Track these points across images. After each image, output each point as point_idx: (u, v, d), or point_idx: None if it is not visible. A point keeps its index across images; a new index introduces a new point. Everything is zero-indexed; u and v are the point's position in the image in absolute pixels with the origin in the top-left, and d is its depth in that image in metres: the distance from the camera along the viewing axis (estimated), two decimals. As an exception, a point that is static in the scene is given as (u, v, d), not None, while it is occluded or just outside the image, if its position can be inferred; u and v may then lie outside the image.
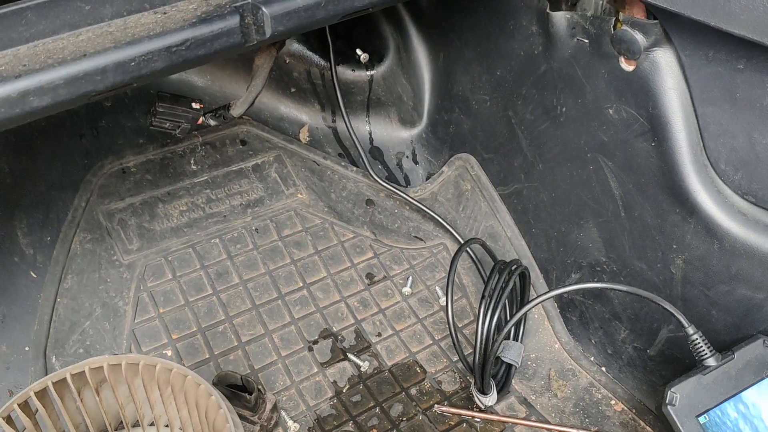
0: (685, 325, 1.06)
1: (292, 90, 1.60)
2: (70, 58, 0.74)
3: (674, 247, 1.15)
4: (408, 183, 1.62)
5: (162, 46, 0.79)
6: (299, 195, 1.50)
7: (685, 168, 1.10)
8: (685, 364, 1.18)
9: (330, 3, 0.88)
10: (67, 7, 0.77)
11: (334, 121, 1.62)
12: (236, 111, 1.21)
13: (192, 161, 1.46)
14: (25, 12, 0.75)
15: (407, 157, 1.63)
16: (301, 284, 1.38)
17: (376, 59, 1.61)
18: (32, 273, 1.24)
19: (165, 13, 0.83)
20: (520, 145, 1.39)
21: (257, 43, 0.88)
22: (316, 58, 1.58)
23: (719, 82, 1.04)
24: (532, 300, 1.15)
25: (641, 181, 1.17)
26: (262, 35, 0.86)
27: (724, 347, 1.07)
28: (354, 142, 1.52)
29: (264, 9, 0.84)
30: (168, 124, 1.18)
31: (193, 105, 1.18)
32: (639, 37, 1.08)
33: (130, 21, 0.81)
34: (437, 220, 1.50)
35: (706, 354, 1.04)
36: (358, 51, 1.57)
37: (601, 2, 1.19)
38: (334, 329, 1.34)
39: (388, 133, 1.63)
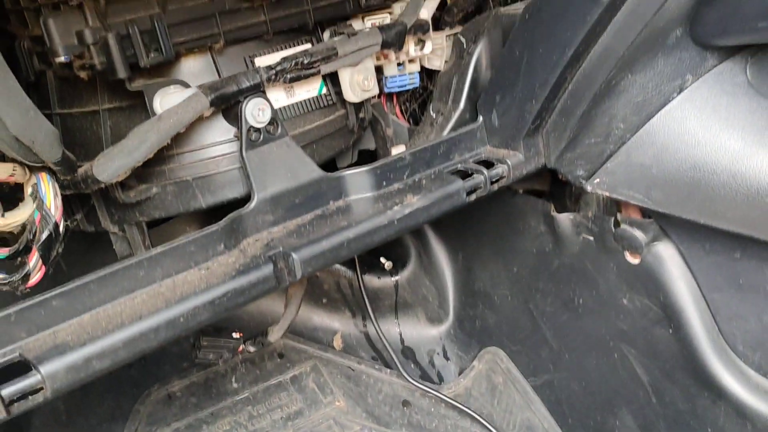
0: None
1: (324, 301, 1.70)
2: (128, 322, 0.83)
3: (709, 430, 1.16)
4: (441, 380, 1.66)
5: (207, 300, 0.88)
6: (337, 403, 1.54)
7: (705, 352, 1.14)
8: None
9: (352, 242, 0.99)
10: (124, 275, 0.88)
11: (365, 326, 1.70)
12: (273, 336, 1.30)
13: (233, 379, 1.53)
14: (88, 285, 0.86)
15: (438, 354, 1.69)
16: (346, 496, 1.39)
17: (399, 265, 1.73)
18: None
19: (208, 269, 0.94)
20: (545, 336, 1.44)
21: (289, 284, 0.97)
22: (343, 269, 1.70)
23: (721, 270, 1.11)
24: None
25: (666, 366, 1.20)
26: (293, 277, 0.96)
27: None
28: (385, 345, 1.59)
29: (294, 255, 0.94)
30: (211, 356, 1.27)
31: (234, 335, 1.27)
32: (638, 234, 1.17)
33: (178, 279, 0.92)
34: (474, 416, 1.52)
35: None
36: (382, 259, 1.69)
37: (602, 198, 1.29)
38: None
39: (418, 332, 1.70)
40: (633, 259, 1.20)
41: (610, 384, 1.31)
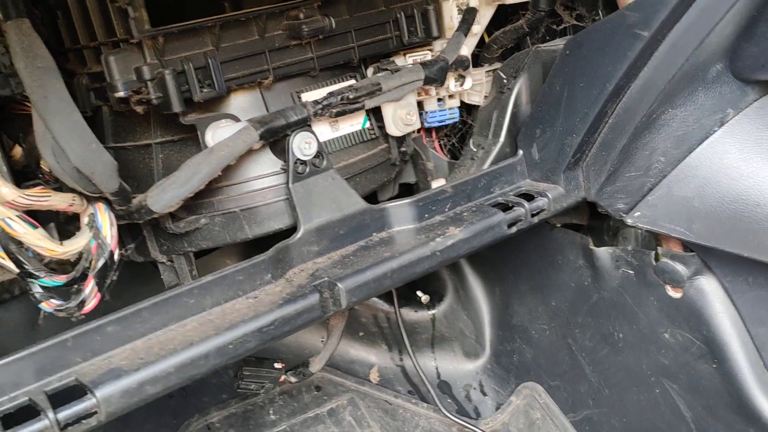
0: None
1: (361, 334, 1.71)
2: (180, 348, 0.85)
3: (756, 468, 1.14)
4: (479, 415, 1.64)
5: (255, 328, 0.90)
6: (374, 436, 1.54)
7: (750, 388, 1.13)
8: None
9: (395, 273, 1.00)
10: (175, 302, 0.91)
11: (401, 359, 1.70)
12: (314, 367, 1.31)
13: (271, 411, 1.54)
14: (141, 311, 0.88)
15: (475, 388, 1.68)
16: None
17: (436, 299, 1.74)
18: None
19: (256, 298, 0.96)
20: (584, 371, 1.43)
21: (334, 313, 0.99)
22: (380, 303, 1.71)
23: (766, 304, 1.10)
24: None
25: (709, 402, 1.19)
26: (338, 306, 0.97)
27: None
28: (422, 379, 1.59)
29: (339, 285, 0.96)
30: (253, 386, 1.28)
31: (276, 365, 1.28)
32: (680, 267, 1.16)
33: (227, 308, 0.94)
34: (512, 452, 1.51)
35: None
36: (419, 293, 1.70)
37: (640, 233, 1.29)
38: None
39: (454, 366, 1.70)
40: (675, 293, 1.19)
41: (651, 420, 1.29)
